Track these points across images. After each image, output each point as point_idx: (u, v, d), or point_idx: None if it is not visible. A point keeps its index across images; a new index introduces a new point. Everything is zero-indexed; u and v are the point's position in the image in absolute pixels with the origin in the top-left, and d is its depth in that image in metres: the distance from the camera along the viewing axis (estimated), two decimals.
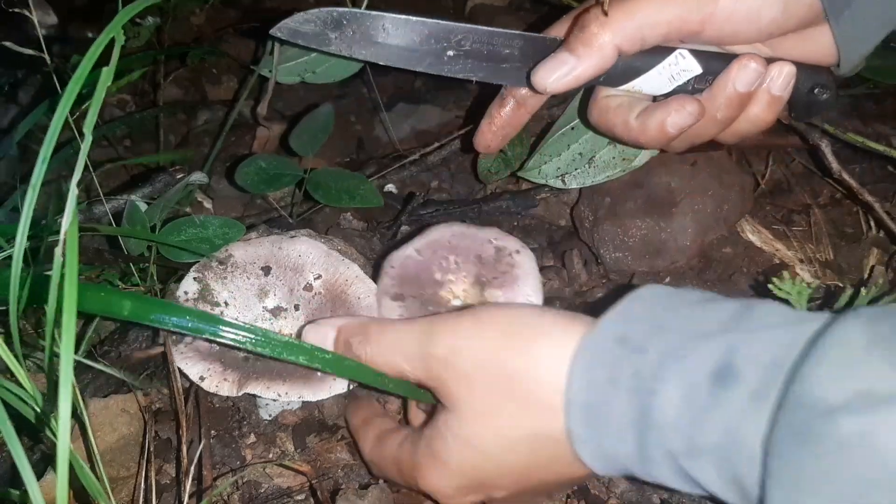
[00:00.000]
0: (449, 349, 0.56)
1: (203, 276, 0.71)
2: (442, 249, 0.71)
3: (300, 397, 0.63)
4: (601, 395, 0.50)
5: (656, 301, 0.53)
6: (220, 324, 0.52)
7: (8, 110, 1.13)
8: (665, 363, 0.48)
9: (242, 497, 0.67)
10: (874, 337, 0.42)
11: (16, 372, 0.46)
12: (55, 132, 0.45)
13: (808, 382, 0.42)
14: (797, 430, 0.42)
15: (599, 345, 0.51)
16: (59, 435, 0.31)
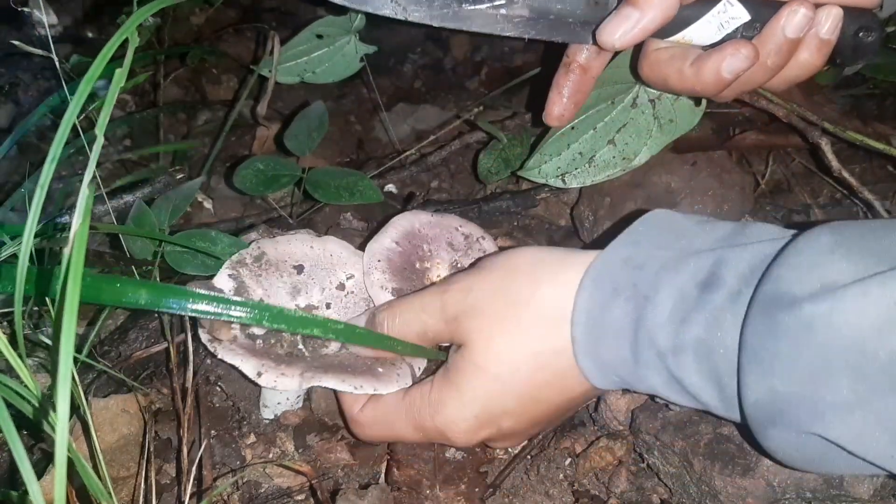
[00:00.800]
0: (462, 290, 0.61)
1: (238, 274, 0.71)
2: (415, 238, 0.73)
3: (375, 390, 0.63)
4: (603, 303, 0.55)
5: (660, 224, 0.58)
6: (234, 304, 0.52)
7: (7, 110, 1.13)
8: (661, 275, 0.54)
9: (242, 497, 0.67)
10: (838, 240, 0.47)
11: (18, 370, 0.46)
12: (65, 131, 0.45)
13: (776, 280, 0.47)
14: (766, 320, 0.47)
15: (606, 265, 0.57)
16: (58, 427, 0.31)
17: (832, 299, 0.44)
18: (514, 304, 0.59)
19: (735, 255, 0.52)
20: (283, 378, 0.62)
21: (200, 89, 1.22)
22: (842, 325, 0.44)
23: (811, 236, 0.49)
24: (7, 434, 0.37)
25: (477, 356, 0.60)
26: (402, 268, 0.71)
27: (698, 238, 0.56)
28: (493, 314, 0.60)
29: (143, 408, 0.71)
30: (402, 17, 0.68)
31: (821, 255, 0.47)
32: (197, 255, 0.74)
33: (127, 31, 0.47)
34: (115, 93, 0.46)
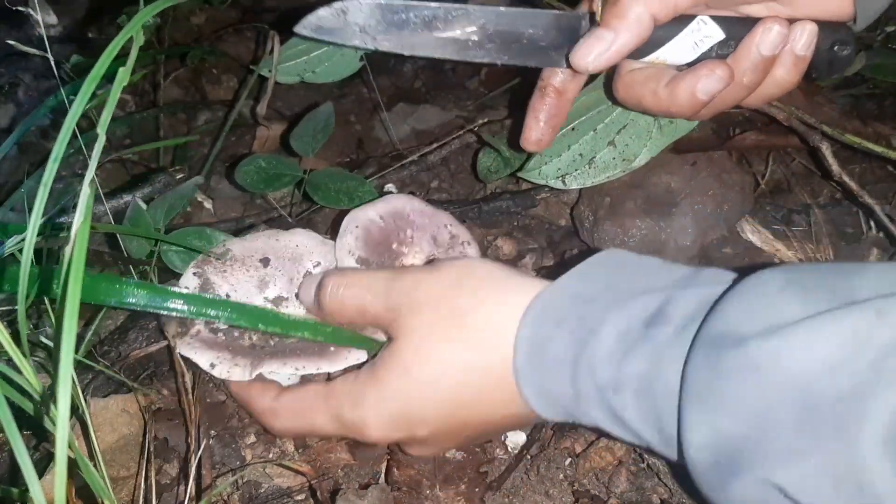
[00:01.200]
0: (410, 282, 0.61)
1: (203, 271, 0.71)
2: (401, 220, 0.72)
3: (318, 369, 0.63)
4: (546, 333, 0.54)
5: (615, 264, 0.57)
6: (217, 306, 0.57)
7: (7, 110, 1.13)
8: (608, 310, 0.52)
9: (242, 497, 0.67)
10: (790, 278, 0.46)
11: (22, 367, 0.46)
12: (70, 128, 0.45)
13: (722, 317, 0.46)
14: (711, 358, 0.45)
15: (554, 297, 0.56)
16: (59, 420, 0.31)
17: (780, 337, 0.42)
18: (454, 313, 0.58)
19: (684, 294, 0.51)
20: (236, 368, 0.63)
21: (200, 89, 1.22)
22: (790, 364, 0.42)
23: (762, 275, 0.47)
24: (8, 432, 0.37)
25: (406, 355, 0.59)
26: (378, 242, 0.70)
27: (651, 279, 0.54)
28: (432, 317, 0.59)
29: (143, 408, 0.71)
30: (373, 46, 0.68)
31: (769, 293, 0.45)
32: (192, 253, 0.74)
33: (132, 31, 0.47)
34: (117, 92, 0.46)
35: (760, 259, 0.87)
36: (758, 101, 0.73)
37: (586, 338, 0.52)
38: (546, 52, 0.70)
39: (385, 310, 0.61)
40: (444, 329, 0.58)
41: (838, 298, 0.43)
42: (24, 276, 0.46)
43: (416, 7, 0.67)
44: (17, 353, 0.45)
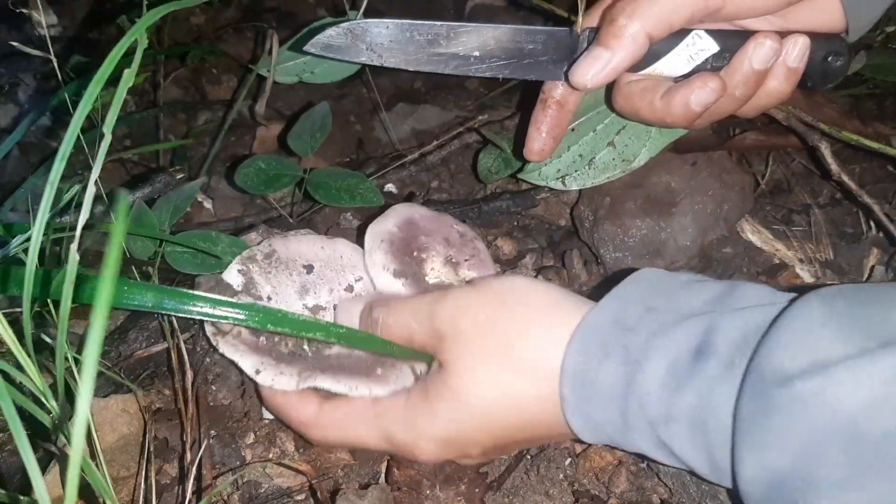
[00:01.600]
0: (454, 309, 0.61)
1: (248, 269, 0.70)
2: (414, 227, 0.73)
3: (370, 391, 0.63)
4: (593, 365, 0.55)
5: (650, 284, 0.58)
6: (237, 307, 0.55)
7: (8, 110, 1.13)
8: (652, 341, 0.53)
9: (242, 497, 0.67)
10: (829, 313, 0.47)
11: (27, 367, 0.46)
12: (76, 130, 0.45)
13: (768, 355, 0.47)
14: (760, 396, 0.47)
15: (596, 324, 0.56)
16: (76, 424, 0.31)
17: (823, 376, 0.44)
18: (501, 343, 0.59)
19: (727, 321, 0.52)
20: (281, 377, 0.62)
21: (200, 89, 1.22)
22: (833, 403, 0.43)
23: (803, 309, 0.48)
24: (14, 432, 0.37)
25: (457, 384, 0.60)
26: (402, 252, 0.71)
27: (688, 299, 0.56)
28: (480, 346, 0.59)
29: (143, 408, 0.71)
30: (378, 63, 0.70)
31: (812, 329, 0.47)
32: (197, 255, 0.74)
33: (137, 33, 0.47)
34: (123, 92, 0.46)
35: (761, 259, 0.87)
36: (752, 112, 0.75)
37: (633, 370, 0.53)
38: (546, 67, 0.72)
39: (431, 337, 0.62)
40: (493, 359, 0.59)
41: (878, 336, 0.45)
42: (29, 276, 0.46)
43: (421, 26, 0.69)
44: (21, 353, 0.45)
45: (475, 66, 0.71)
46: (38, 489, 0.35)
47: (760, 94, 0.71)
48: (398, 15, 0.70)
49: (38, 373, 0.47)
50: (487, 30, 0.70)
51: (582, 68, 0.68)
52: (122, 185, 1.02)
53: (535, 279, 0.64)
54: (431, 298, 0.63)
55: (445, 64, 0.71)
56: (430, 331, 0.62)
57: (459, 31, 0.70)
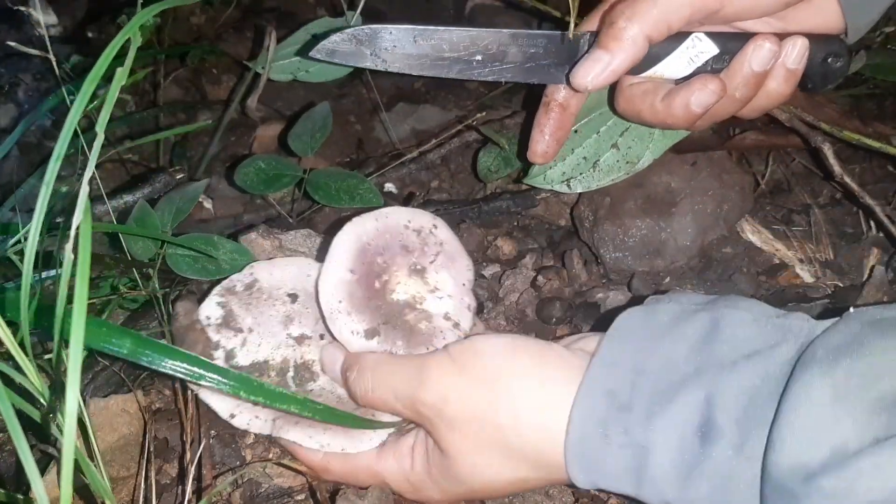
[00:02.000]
0: (438, 398, 0.59)
1: (227, 302, 0.69)
2: (367, 256, 0.67)
3: (343, 449, 0.63)
4: (596, 450, 0.54)
5: (632, 336, 0.57)
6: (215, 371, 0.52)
7: (7, 110, 1.13)
8: (652, 420, 0.52)
9: (242, 497, 0.67)
10: (835, 388, 0.46)
11: (25, 369, 0.46)
12: (70, 129, 0.45)
13: (784, 451, 0.46)
14: (785, 496, 0.46)
15: (590, 401, 0.55)
16: (66, 420, 0.31)
17: (847, 470, 0.44)
18: (496, 431, 0.58)
19: (723, 390, 0.51)
20: (256, 421, 0.63)
21: (200, 89, 1.22)
22: (862, 495, 0.43)
23: (805, 389, 0.47)
24: (13, 433, 0.37)
25: (462, 474, 0.60)
26: (366, 297, 0.65)
27: (673, 350, 0.54)
28: (474, 435, 0.59)
29: (143, 408, 0.71)
30: (383, 68, 0.71)
31: (821, 414, 0.46)
32: (198, 258, 0.74)
33: (130, 31, 0.47)
34: (115, 91, 0.46)
35: (761, 259, 0.87)
36: (753, 113, 0.75)
37: (641, 456, 0.52)
38: (548, 70, 0.73)
39: (420, 419, 0.61)
40: (492, 450, 0.59)
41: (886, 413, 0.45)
42: (28, 276, 0.46)
43: (424, 31, 0.70)
44: (20, 354, 0.45)
45: (477, 70, 0.71)
46: (37, 489, 0.35)
47: (760, 95, 0.71)
48: (398, 15, 0.71)
49: (36, 374, 0.47)
50: (489, 34, 0.70)
51: (582, 70, 0.68)
52: (122, 185, 1.02)
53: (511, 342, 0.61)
54: (409, 375, 0.61)
55: (448, 69, 0.71)
56: (417, 415, 0.61)
57: (462, 35, 0.70)
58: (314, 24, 0.93)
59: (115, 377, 0.75)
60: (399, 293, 0.67)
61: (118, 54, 0.47)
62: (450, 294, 0.67)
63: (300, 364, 0.69)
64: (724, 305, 0.56)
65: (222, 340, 0.68)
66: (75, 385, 0.34)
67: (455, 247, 0.70)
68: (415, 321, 0.66)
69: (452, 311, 0.67)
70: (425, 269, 0.68)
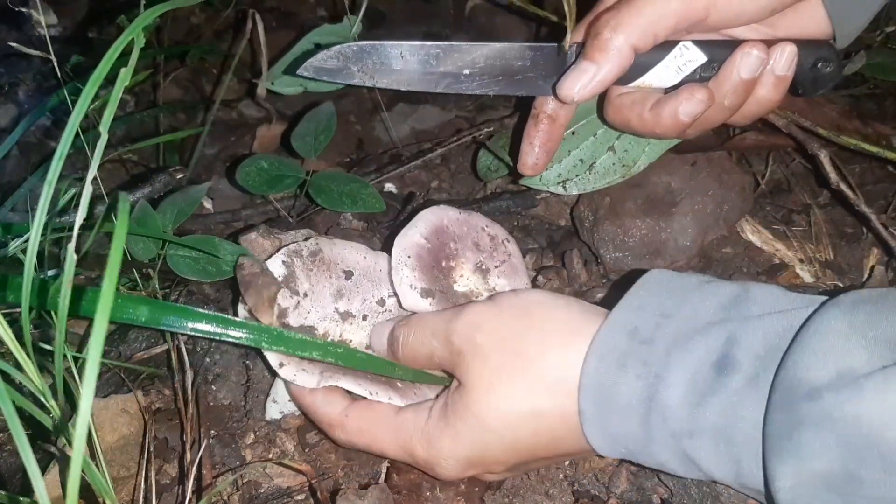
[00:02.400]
0: (470, 325, 0.61)
1: (291, 262, 0.70)
2: (444, 235, 0.71)
3: (389, 399, 0.63)
4: (612, 377, 0.55)
5: (661, 287, 0.58)
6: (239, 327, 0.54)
7: (8, 110, 1.13)
8: (671, 353, 0.53)
9: (242, 497, 0.67)
10: (852, 323, 0.48)
11: (26, 367, 0.46)
12: (73, 128, 0.45)
13: (794, 368, 0.48)
14: (789, 410, 0.47)
15: (612, 336, 0.56)
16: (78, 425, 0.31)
17: (853, 389, 0.45)
18: (519, 359, 0.58)
19: (747, 332, 0.52)
20: (303, 374, 0.63)
21: (200, 89, 1.22)
22: (864, 415, 0.44)
23: (824, 320, 0.49)
24: (14, 431, 0.37)
25: (477, 405, 0.59)
26: (431, 265, 0.69)
27: (702, 302, 0.55)
28: (498, 363, 0.59)
29: (143, 408, 0.71)
30: (371, 84, 0.72)
31: (836, 341, 0.47)
32: (199, 260, 0.74)
33: (133, 32, 0.47)
34: (119, 92, 0.46)
35: (761, 259, 0.87)
36: (743, 120, 0.75)
37: (654, 384, 0.53)
38: (536, 83, 0.73)
39: (450, 353, 0.62)
40: (513, 377, 0.59)
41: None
42: (28, 277, 0.46)
43: (411, 47, 0.71)
44: (21, 353, 0.45)
45: (465, 84, 0.72)
46: (38, 490, 0.35)
47: (750, 102, 0.71)
48: (399, 16, 0.71)
49: (37, 373, 0.47)
50: (476, 48, 0.71)
51: (569, 82, 0.68)
52: (122, 185, 1.02)
53: (553, 294, 0.64)
54: (450, 315, 0.63)
55: (436, 83, 0.72)
56: (449, 347, 0.61)
57: (449, 50, 0.71)
58: (315, 33, 0.93)
59: (116, 377, 0.75)
60: (460, 283, 0.70)
61: (120, 54, 0.47)
62: None
63: (339, 341, 0.70)
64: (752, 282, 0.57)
65: (279, 299, 0.68)
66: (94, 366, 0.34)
67: (520, 262, 0.74)
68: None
69: None
70: (489, 270, 0.71)
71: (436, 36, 1.28)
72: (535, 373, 0.58)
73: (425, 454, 0.62)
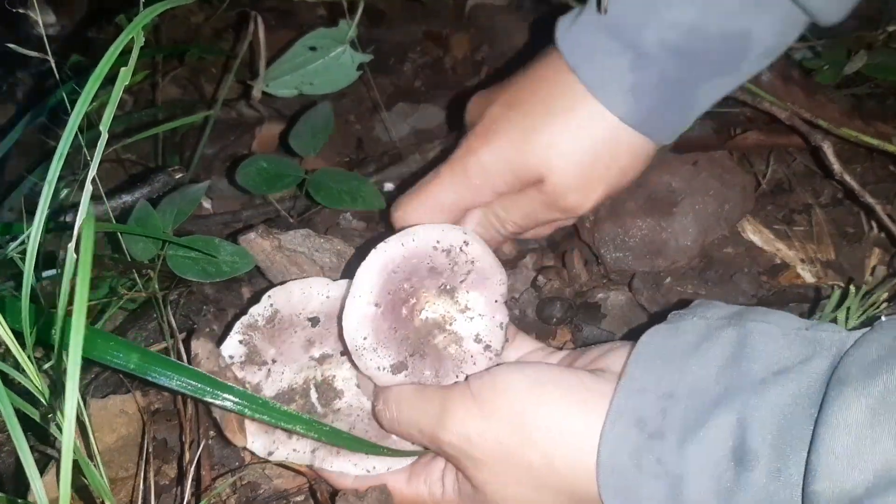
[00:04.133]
0: (460, 438, 0.58)
1: (249, 338, 0.68)
2: (392, 284, 0.64)
3: (389, 469, 0.63)
4: (630, 481, 0.53)
5: (656, 358, 0.55)
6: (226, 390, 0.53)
7: (6, 109, 1.13)
8: (684, 447, 0.50)
9: (241, 499, 0.66)
10: (873, 411, 0.44)
11: (26, 368, 0.46)
12: (73, 128, 0.45)
13: (826, 478, 0.44)
14: None
15: (620, 432, 0.53)
16: (66, 415, 0.31)
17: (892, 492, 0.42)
18: (526, 469, 0.57)
19: (754, 412, 0.49)
20: (295, 454, 0.63)
21: (199, 88, 1.21)
22: None
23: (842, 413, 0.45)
24: (13, 433, 0.37)
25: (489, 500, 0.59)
26: (391, 328, 0.63)
27: (700, 370, 0.53)
28: (504, 474, 0.57)
29: (142, 409, 0.70)
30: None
31: (861, 437, 0.44)
32: (198, 260, 0.74)
33: (133, 32, 0.47)
34: (119, 91, 0.46)
35: (762, 259, 0.87)
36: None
37: (676, 484, 0.51)
38: None
39: (448, 457, 0.61)
40: (525, 487, 0.57)
41: None
42: (28, 276, 0.46)
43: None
44: (20, 354, 0.45)
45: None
46: (36, 490, 0.35)
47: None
48: (398, 15, 0.70)
49: (36, 374, 0.47)
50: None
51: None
52: (121, 185, 1.02)
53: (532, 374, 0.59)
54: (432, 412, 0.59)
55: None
56: (444, 453, 0.60)
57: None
58: (310, 37, 0.93)
59: (114, 377, 0.75)
60: (428, 312, 0.64)
61: (119, 53, 0.47)
62: (480, 313, 0.65)
63: (321, 382, 0.68)
64: (751, 319, 0.54)
65: (248, 377, 0.67)
66: (74, 389, 0.34)
67: (487, 262, 0.66)
68: (444, 345, 0.64)
69: (483, 332, 0.64)
70: (455, 288, 0.65)
71: (436, 36, 1.28)
72: (547, 482, 0.56)
73: None
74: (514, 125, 0.72)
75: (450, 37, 1.27)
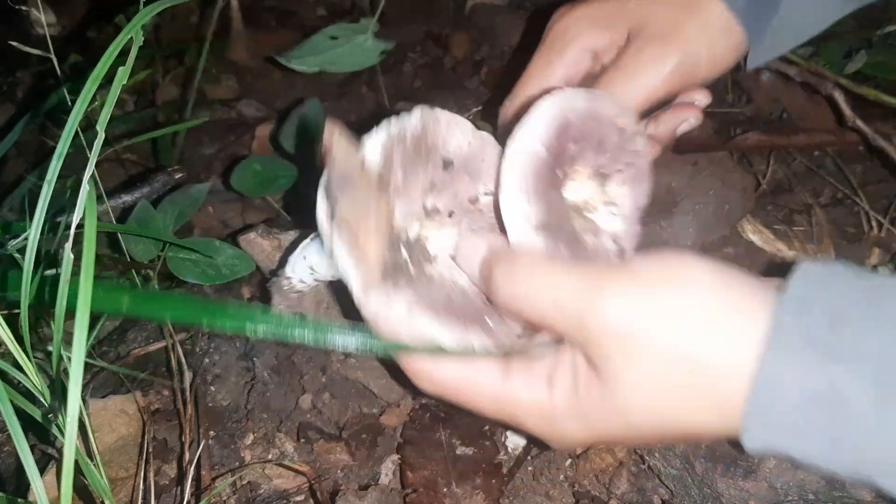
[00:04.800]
0: (622, 323, 0.49)
1: (391, 150, 0.57)
2: (565, 137, 0.55)
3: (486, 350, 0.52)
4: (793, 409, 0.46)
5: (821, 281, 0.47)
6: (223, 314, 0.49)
7: (6, 109, 1.13)
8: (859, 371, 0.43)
9: (241, 498, 0.66)
10: None
11: (25, 367, 0.46)
12: (73, 127, 0.45)
13: None
14: None
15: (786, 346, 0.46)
16: (69, 416, 0.31)
17: None
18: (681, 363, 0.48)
19: None
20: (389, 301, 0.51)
21: (199, 88, 1.21)
22: None
23: None
24: (13, 433, 0.37)
25: (624, 402, 0.50)
26: (549, 183, 0.54)
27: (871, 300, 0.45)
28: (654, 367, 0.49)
29: (142, 408, 0.70)
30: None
31: None
32: (199, 263, 0.74)
33: (131, 31, 0.47)
34: (116, 91, 0.46)
35: (762, 259, 0.87)
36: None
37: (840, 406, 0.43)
38: None
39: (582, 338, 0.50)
40: (672, 385, 0.49)
41: None
42: (27, 276, 0.46)
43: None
44: (19, 352, 0.45)
45: None
46: (36, 489, 0.35)
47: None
48: (398, 15, 0.70)
49: (36, 373, 0.47)
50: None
51: None
52: (120, 185, 1.02)
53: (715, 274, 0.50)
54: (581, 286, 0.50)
55: None
56: (582, 332, 0.50)
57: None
58: (331, 29, 0.94)
59: (114, 378, 0.75)
60: (570, 191, 0.57)
61: (119, 53, 0.47)
62: (625, 215, 0.57)
63: (415, 242, 0.58)
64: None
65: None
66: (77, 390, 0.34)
67: (646, 165, 0.59)
68: (581, 230, 0.55)
69: (622, 235, 0.56)
70: (609, 176, 0.58)
71: (435, 36, 1.28)
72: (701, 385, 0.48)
73: (539, 430, 0.53)
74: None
75: (450, 37, 1.27)
